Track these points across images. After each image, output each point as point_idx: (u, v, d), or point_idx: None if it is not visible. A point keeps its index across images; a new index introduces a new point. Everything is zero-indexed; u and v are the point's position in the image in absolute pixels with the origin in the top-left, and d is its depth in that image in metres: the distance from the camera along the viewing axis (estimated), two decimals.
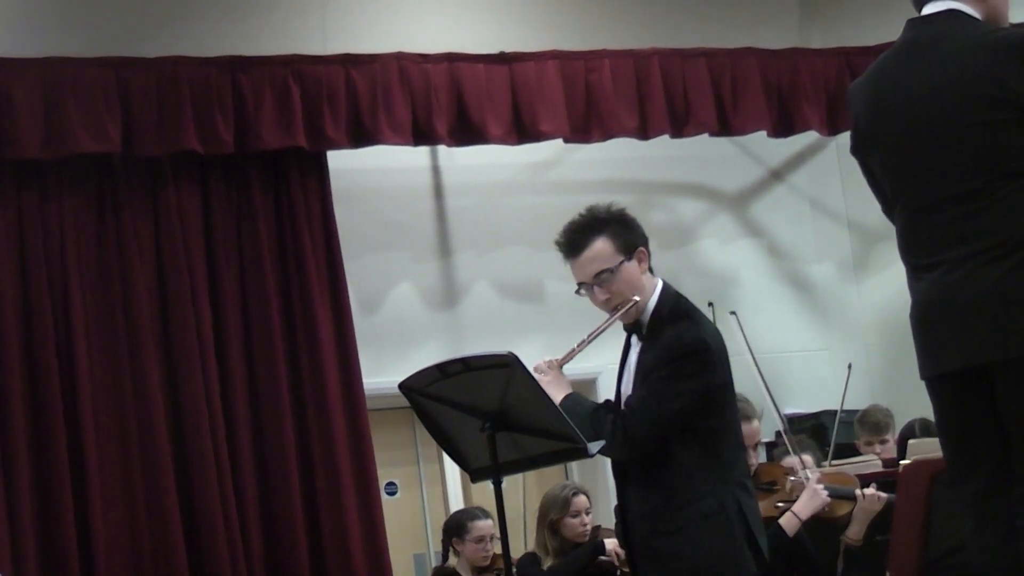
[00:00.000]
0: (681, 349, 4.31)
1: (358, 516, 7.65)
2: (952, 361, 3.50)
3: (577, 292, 4.53)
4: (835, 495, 5.82)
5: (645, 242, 4.50)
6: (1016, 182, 3.41)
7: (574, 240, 4.47)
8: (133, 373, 7.38)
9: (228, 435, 7.49)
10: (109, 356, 7.38)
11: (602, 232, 4.44)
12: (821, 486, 5.77)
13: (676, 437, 4.29)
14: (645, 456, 4.34)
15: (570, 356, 4.53)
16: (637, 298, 4.39)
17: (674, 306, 4.44)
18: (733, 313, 7.52)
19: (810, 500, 5.68)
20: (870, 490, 5.80)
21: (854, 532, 5.79)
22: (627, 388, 4.48)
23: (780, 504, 5.75)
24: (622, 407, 4.43)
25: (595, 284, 4.42)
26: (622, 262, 4.41)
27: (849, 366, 7.57)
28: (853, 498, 5.82)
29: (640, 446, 4.31)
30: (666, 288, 4.48)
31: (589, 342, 4.51)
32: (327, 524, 7.60)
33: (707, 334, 4.38)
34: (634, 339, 4.51)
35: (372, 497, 7.73)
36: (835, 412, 8.14)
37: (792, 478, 5.84)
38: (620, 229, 4.46)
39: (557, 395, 4.44)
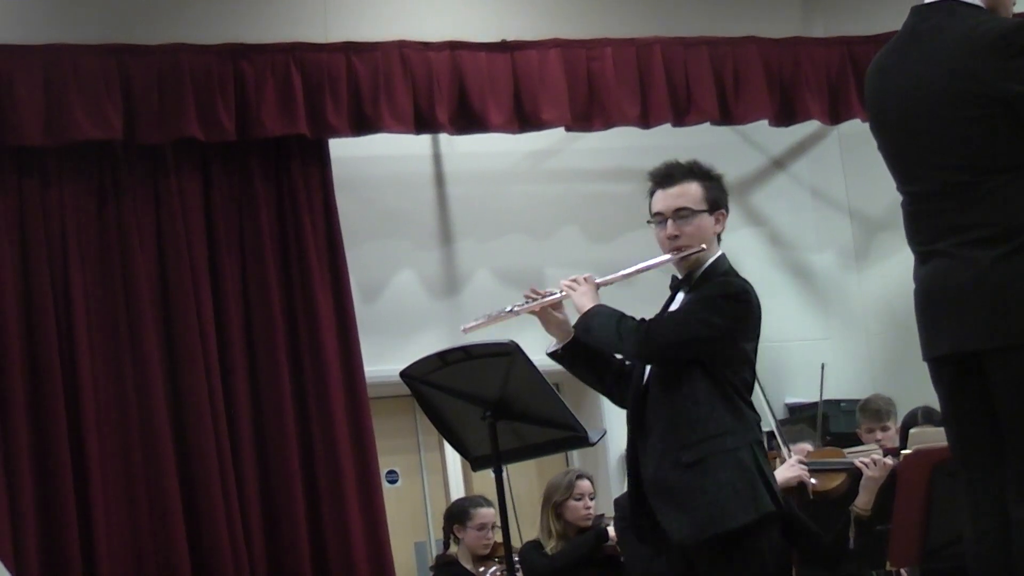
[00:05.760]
0: (724, 290, 4.44)
1: (359, 504, 7.65)
2: (944, 345, 3.55)
3: (649, 222, 4.61)
4: (824, 468, 5.85)
5: (727, 210, 4.63)
6: (1004, 176, 3.43)
7: (673, 173, 4.61)
8: (134, 360, 7.39)
9: (229, 423, 7.50)
10: (110, 343, 7.38)
11: (699, 179, 4.58)
12: (802, 465, 5.81)
13: (700, 383, 4.36)
14: (671, 396, 4.38)
15: (612, 280, 4.62)
16: (704, 247, 4.50)
17: (729, 269, 4.55)
18: None
19: (786, 469, 5.69)
20: (874, 456, 5.83)
21: (863, 502, 5.80)
22: None
23: None
24: None
25: (672, 218, 4.51)
26: (704, 211, 4.52)
27: (822, 366, 7.59)
28: (843, 469, 5.86)
29: (657, 350, 4.39)
30: (725, 256, 4.59)
31: (636, 272, 4.60)
32: (328, 512, 7.60)
33: (753, 293, 4.49)
34: (679, 296, 4.56)
35: (373, 485, 7.73)
36: (836, 401, 8.15)
37: None
38: (714, 186, 4.60)
39: (586, 304, 4.52)
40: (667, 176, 4.60)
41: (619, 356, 4.63)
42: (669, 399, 4.39)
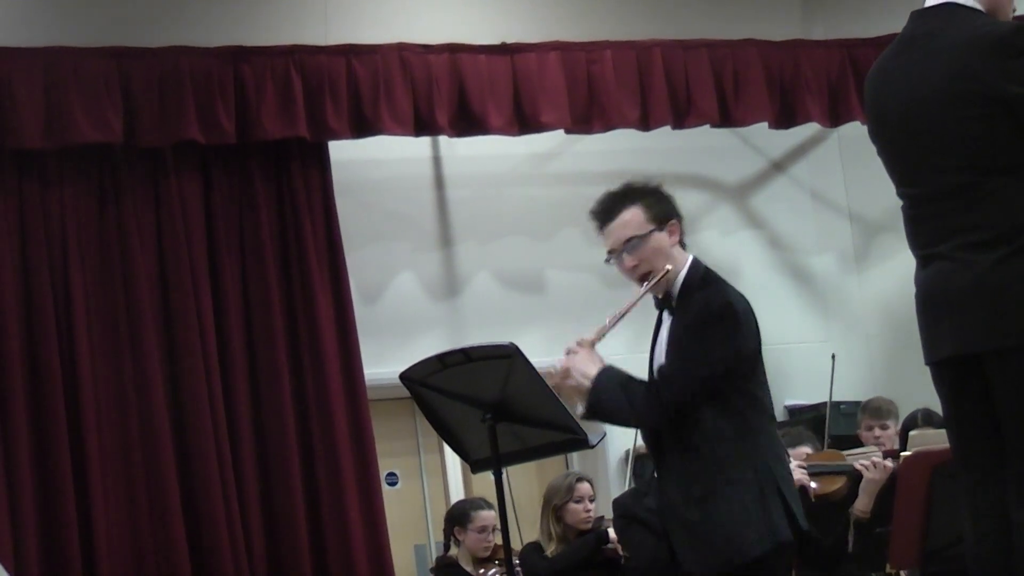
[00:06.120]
0: (709, 314, 4.29)
1: (359, 507, 7.65)
2: (946, 348, 3.54)
3: (607, 261, 4.52)
4: (825, 472, 5.86)
5: (679, 217, 4.52)
6: (1005, 177, 3.44)
7: (607, 208, 4.49)
8: (134, 362, 7.39)
9: (229, 424, 7.50)
10: (110, 345, 7.39)
11: (636, 201, 4.47)
12: (803, 471, 5.81)
13: (708, 404, 4.26)
14: (678, 427, 4.30)
15: (602, 333, 4.47)
16: (669, 267, 4.39)
17: (704, 276, 4.43)
18: None
19: None
20: (874, 459, 5.83)
21: (862, 504, 5.82)
22: (659, 363, 4.42)
23: None
24: (655, 377, 4.40)
25: (624, 251, 4.42)
26: (652, 231, 4.42)
27: (833, 356, 7.57)
28: (843, 472, 5.86)
29: (673, 412, 4.28)
30: (696, 261, 4.48)
31: (621, 317, 4.45)
32: (328, 515, 7.61)
33: (734, 299, 4.36)
34: (665, 315, 4.47)
35: (373, 487, 7.73)
36: (836, 404, 8.14)
37: None
38: (653, 200, 4.49)
39: (591, 370, 4.36)
40: (604, 212, 4.48)
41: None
42: (677, 430, 4.31)
